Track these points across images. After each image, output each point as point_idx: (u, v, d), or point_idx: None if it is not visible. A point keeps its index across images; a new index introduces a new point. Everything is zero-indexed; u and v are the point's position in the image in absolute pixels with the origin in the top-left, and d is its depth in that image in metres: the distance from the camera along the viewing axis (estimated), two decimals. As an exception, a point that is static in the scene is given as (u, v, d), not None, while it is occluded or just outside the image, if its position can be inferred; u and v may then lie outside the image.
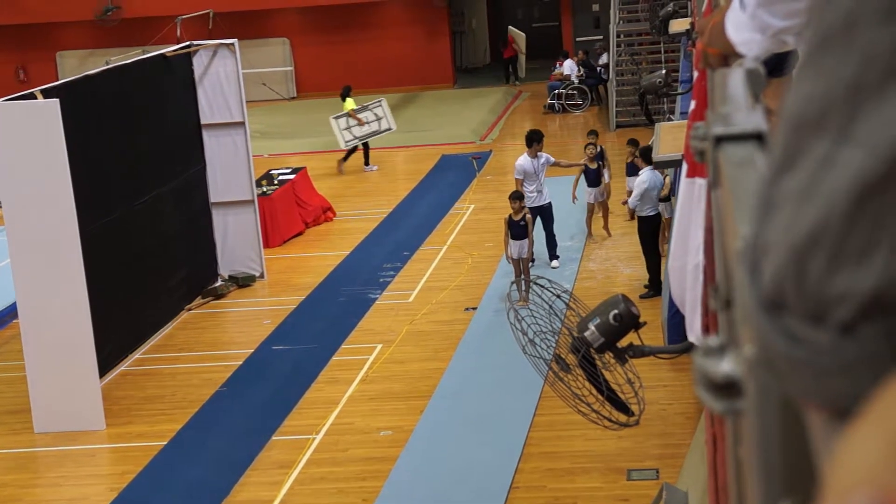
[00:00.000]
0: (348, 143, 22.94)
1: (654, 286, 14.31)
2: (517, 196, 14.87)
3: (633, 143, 16.71)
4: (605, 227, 17.08)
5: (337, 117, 22.97)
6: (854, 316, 0.75)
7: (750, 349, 0.94)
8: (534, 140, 15.71)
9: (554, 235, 15.89)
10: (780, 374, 0.81)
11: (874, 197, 0.74)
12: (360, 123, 23.03)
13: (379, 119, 23.36)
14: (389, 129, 23.70)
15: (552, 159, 15.83)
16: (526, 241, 14.60)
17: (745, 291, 0.85)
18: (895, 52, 0.74)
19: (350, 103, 23.24)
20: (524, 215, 14.65)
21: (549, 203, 15.70)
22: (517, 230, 14.56)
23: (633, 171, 15.74)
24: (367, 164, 23.27)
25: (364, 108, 23.27)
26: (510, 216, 14.67)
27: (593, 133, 18.28)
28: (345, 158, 23.09)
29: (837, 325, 0.76)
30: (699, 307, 4.31)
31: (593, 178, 16.79)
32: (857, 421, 0.69)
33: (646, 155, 14.52)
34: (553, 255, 15.92)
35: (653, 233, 14.67)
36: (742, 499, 1.34)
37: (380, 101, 23.82)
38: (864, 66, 0.75)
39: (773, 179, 0.82)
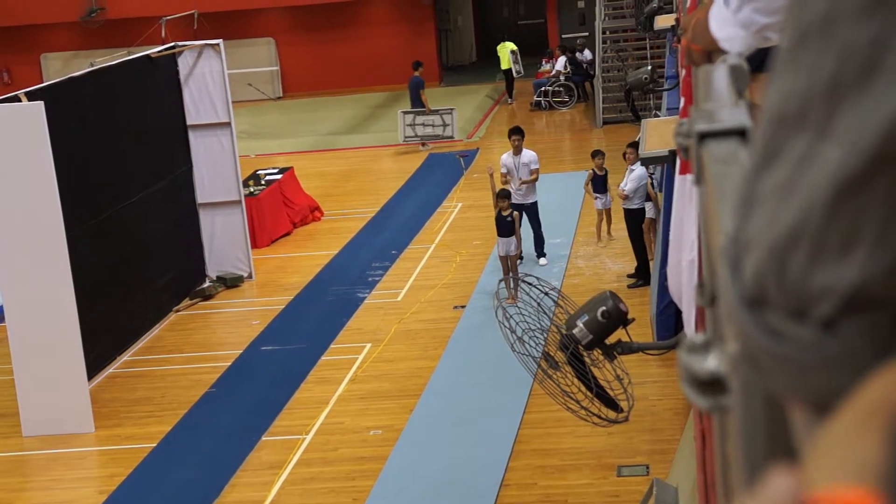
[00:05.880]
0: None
1: (642, 275, 14.40)
2: (502, 195, 14.78)
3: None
4: (608, 231, 16.85)
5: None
6: (835, 311, 0.75)
7: (733, 345, 0.95)
8: (510, 133, 15.99)
9: (541, 233, 15.90)
10: (762, 370, 0.81)
11: (854, 193, 0.74)
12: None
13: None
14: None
15: (535, 164, 15.66)
16: (513, 238, 14.60)
17: (727, 288, 0.86)
18: (874, 49, 0.74)
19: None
20: (511, 212, 14.66)
21: (534, 203, 15.68)
22: (504, 227, 14.55)
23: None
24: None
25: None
26: (498, 212, 14.67)
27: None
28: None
29: (819, 320, 0.76)
30: (694, 303, 4.31)
31: (600, 185, 16.45)
32: (839, 412, 0.69)
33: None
34: (541, 253, 15.92)
35: (637, 225, 14.80)
36: (729, 494, 1.34)
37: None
38: (842, 63, 0.75)
39: (754, 176, 0.82)
